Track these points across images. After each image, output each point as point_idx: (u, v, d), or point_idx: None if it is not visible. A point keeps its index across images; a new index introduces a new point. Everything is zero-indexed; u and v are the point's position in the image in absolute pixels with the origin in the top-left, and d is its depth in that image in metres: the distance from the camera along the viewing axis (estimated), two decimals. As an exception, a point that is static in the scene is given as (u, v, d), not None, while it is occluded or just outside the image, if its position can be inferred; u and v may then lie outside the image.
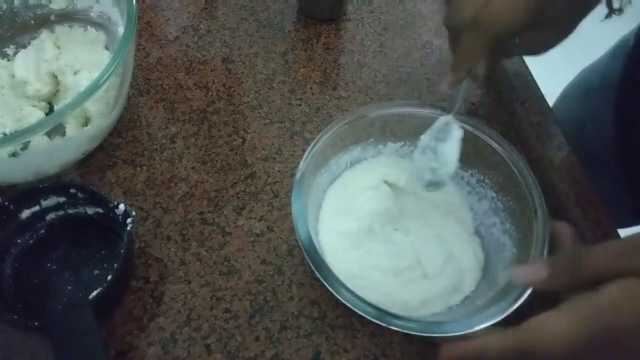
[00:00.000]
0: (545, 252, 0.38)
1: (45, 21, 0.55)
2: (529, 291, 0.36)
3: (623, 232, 0.46)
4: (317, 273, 0.37)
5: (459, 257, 0.44)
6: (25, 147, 0.43)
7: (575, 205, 0.50)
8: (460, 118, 0.45)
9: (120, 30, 0.50)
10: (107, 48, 0.54)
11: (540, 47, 0.46)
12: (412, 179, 0.46)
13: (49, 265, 0.44)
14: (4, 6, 0.54)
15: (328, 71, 0.59)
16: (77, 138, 0.46)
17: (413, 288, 0.42)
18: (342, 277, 0.37)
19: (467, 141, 0.45)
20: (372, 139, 0.48)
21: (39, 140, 0.43)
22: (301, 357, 0.41)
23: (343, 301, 0.36)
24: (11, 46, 0.55)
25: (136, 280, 0.44)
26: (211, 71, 0.59)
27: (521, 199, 0.42)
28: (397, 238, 0.45)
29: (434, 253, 0.44)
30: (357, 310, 0.36)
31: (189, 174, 0.51)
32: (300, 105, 0.56)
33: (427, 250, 0.44)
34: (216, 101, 0.56)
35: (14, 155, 0.43)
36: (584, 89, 0.69)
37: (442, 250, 0.44)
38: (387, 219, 0.45)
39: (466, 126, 0.45)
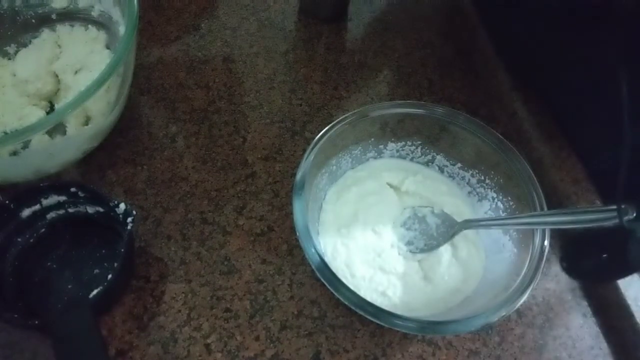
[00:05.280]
0: (545, 252, 0.38)
1: (47, 20, 0.56)
2: (529, 291, 0.36)
3: None
4: (317, 273, 0.37)
5: (462, 259, 0.44)
6: (26, 145, 0.42)
7: (575, 205, 0.50)
8: (460, 118, 0.45)
9: (122, 29, 0.50)
10: (108, 47, 0.54)
11: None
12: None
13: (49, 264, 0.44)
14: (5, 5, 0.54)
15: (329, 71, 0.59)
16: (78, 137, 0.46)
17: (415, 290, 0.42)
18: (342, 277, 0.37)
19: (468, 142, 0.46)
20: (372, 139, 0.48)
21: (39, 139, 0.43)
22: (301, 357, 0.41)
23: (343, 301, 0.36)
24: (12, 45, 0.55)
25: (136, 280, 0.44)
26: (212, 71, 0.59)
27: (521, 199, 0.42)
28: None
29: (437, 256, 0.44)
30: (357, 310, 0.36)
31: (189, 174, 0.51)
32: (301, 105, 0.56)
33: (431, 253, 0.44)
34: (217, 101, 0.56)
35: (14, 154, 0.43)
36: None
37: (446, 253, 0.44)
38: (390, 222, 0.45)
39: (467, 127, 0.45)
